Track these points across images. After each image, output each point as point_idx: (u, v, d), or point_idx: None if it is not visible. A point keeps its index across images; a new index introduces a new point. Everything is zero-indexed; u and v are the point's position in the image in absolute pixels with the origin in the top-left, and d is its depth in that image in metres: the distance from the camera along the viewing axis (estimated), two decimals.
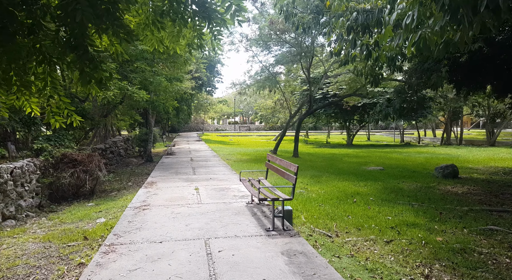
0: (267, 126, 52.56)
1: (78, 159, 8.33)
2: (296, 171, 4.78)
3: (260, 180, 6.30)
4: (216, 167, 12.30)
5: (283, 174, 5.39)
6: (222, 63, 34.99)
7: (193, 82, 28.53)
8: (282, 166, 5.81)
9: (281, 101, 27.34)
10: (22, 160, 7.33)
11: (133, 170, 13.18)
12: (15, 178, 6.63)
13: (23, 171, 6.88)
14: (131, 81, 10.62)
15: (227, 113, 62.18)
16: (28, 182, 7.15)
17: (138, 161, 15.64)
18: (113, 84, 9.38)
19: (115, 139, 17.16)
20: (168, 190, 7.83)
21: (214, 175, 10.27)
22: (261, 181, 6.25)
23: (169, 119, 37.82)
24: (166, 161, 14.63)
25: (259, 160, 15.45)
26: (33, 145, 7.97)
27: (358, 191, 9.04)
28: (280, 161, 5.78)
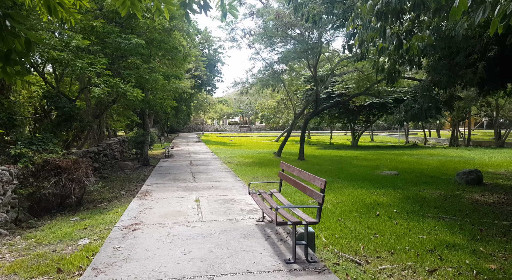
0: (268, 127, 51.53)
1: (63, 166, 7.33)
2: (324, 187, 3.79)
3: (273, 193, 5.31)
4: (218, 173, 11.30)
5: (303, 189, 4.40)
6: (223, 61, 34.01)
7: (192, 81, 27.57)
8: (303, 179, 4.81)
9: (284, 101, 26.36)
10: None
11: (127, 175, 12.18)
12: None
13: None
14: (124, 78, 9.63)
15: (227, 113, 61.16)
16: (2, 194, 6.16)
17: (134, 165, 14.64)
18: (103, 81, 8.38)
19: (110, 141, 16.15)
20: (164, 203, 6.83)
21: (216, 183, 9.27)
22: (274, 194, 5.26)
23: (168, 119, 36.82)
24: (164, 165, 13.63)
25: (263, 164, 14.46)
26: (10, 150, 6.98)
27: (378, 201, 8.07)
28: (300, 173, 4.78)
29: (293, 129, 37.11)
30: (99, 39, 9.61)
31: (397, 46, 5.77)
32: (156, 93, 12.39)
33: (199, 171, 11.74)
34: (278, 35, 14.87)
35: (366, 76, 15.65)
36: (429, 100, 7.39)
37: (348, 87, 21.23)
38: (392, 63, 7.64)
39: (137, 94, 8.70)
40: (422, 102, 7.35)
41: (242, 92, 19.42)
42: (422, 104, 7.35)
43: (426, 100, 7.39)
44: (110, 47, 9.74)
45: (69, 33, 8.59)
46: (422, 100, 7.44)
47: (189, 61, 19.13)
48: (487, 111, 29.35)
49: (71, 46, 8.37)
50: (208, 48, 33.49)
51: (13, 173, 6.62)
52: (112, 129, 21.57)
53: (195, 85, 29.87)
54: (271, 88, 20.38)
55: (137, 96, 8.68)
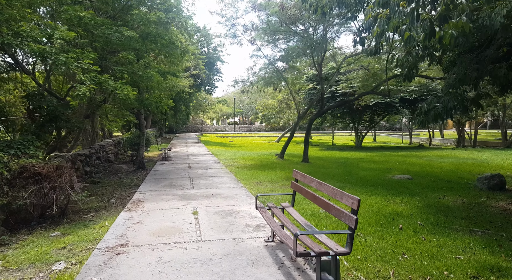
0: (268, 127, 50.63)
1: (43, 173, 6.47)
2: (357, 207, 2.95)
3: (285, 208, 4.46)
4: (218, 177, 10.44)
5: (326, 207, 3.53)
6: (222, 60, 33.11)
7: (191, 80, 26.71)
8: (325, 194, 3.95)
9: (287, 100, 25.50)
10: None
11: (121, 180, 11.31)
12: None
13: None
14: (115, 74, 8.77)
15: (227, 114, 60.26)
16: None
17: (129, 168, 13.77)
18: (90, 78, 7.52)
19: (103, 143, 15.27)
20: (158, 215, 5.97)
21: (216, 190, 8.42)
22: (287, 209, 4.40)
23: (166, 119, 35.95)
24: (160, 168, 12.77)
25: (266, 167, 13.62)
26: None
27: (397, 210, 7.24)
28: (320, 185, 3.90)
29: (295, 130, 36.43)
30: (88, 32, 8.75)
31: (429, 34, 4.93)
32: (151, 92, 11.53)
33: (198, 175, 10.88)
34: (281, 31, 14.02)
35: (373, 74, 14.80)
36: (455, 98, 6.55)
37: (353, 86, 20.40)
38: (414, 57, 6.79)
39: (127, 92, 7.83)
40: (447, 100, 6.51)
41: (243, 91, 18.58)
42: (447, 103, 6.51)
43: (452, 98, 6.55)
44: (99, 40, 8.88)
45: (52, 24, 7.73)
46: (447, 98, 6.60)
47: (187, 59, 18.28)
48: (494, 110, 28.54)
49: (54, 39, 7.51)
50: (207, 47, 32.63)
51: None
52: (107, 130, 20.70)
53: (194, 85, 29.01)
54: (273, 87, 19.54)
55: (127, 94, 7.81)
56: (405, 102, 22.95)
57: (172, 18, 10.50)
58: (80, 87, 7.16)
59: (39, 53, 7.15)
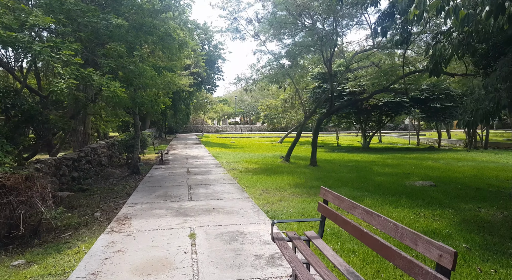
0: (270, 127, 49.44)
1: (8, 185, 5.34)
2: (453, 264, 1.80)
3: (311, 239, 3.30)
4: (220, 185, 9.30)
5: (386, 253, 2.34)
6: (223, 58, 31.95)
7: (191, 78, 25.58)
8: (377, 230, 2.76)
9: (292, 99, 24.35)
10: None
11: (111, 187, 10.18)
12: None
13: None
14: (102, 69, 7.63)
15: (228, 113, 59.07)
16: None
17: (122, 173, 12.64)
18: (70, 72, 6.38)
19: (95, 145, 14.15)
20: (145, 240, 4.82)
21: (218, 202, 7.27)
22: (314, 242, 3.24)
23: (165, 119, 34.86)
24: (156, 174, 11.64)
25: (271, 171, 12.48)
26: None
27: (431, 227, 6.10)
28: (369, 216, 2.63)
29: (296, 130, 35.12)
30: (71, 20, 7.62)
31: (495, 10, 3.78)
32: (146, 89, 10.39)
33: (197, 183, 9.74)
34: (287, 24, 12.87)
35: (386, 71, 13.64)
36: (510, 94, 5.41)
37: (361, 85, 19.24)
38: (455, 45, 5.64)
39: (114, 88, 6.69)
40: (499, 96, 5.36)
41: (246, 89, 17.45)
42: (497, 99, 5.36)
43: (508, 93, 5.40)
44: (85, 30, 7.76)
45: (27, 8, 6.60)
46: (500, 93, 5.45)
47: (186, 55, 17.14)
48: None
49: (27, 25, 6.39)
50: (208, 44, 31.50)
51: None
52: (102, 131, 19.59)
53: (194, 83, 27.87)
54: (277, 85, 18.40)
55: (115, 91, 6.67)
56: (416, 102, 21.79)
57: (168, 6, 9.37)
58: (56, 81, 6.02)
59: (9, 41, 6.02)
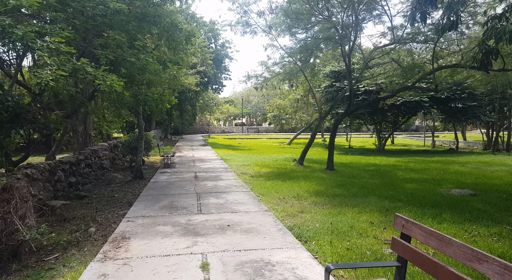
0: (277, 128, 48.26)
1: None
2: None
3: None
4: (233, 193, 8.24)
5: None
6: (231, 57, 30.94)
7: (197, 77, 24.62)
8: None
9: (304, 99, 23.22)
10: None
11: (112, 194, 9.18)
12: None
13: None
14: (98, 60, 6.63)
15: (234, 114, 58.04)
16: None
17: (125, 177, 11.65)
18: (60, 62, 5.38)
19: (97, 147, 13.19)
20: (145, 272, 3.77)
21: (232, 216, 6.20)
22: None
23: (172, 120, 33.95)
24: (161, 179, 10.62)
25: (285, 176, 11.42)
26: None
27: (494, 249, 4.98)
28: (487, 263, 1.63)
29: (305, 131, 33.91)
30: (64, 5, 6.62)
31: None
32: (150, 86, 9.38)
33: (207, 190, 8.69)
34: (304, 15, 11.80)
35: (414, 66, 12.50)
36: None
37: (378, 83, 18.08)
38: None
39: (111, 82, 5.67)
40: None
41: (256, 87, 16.41)
42: None
43: None
44: (79, 16, 6.76)
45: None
46: None
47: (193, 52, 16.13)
48: None
49: (10, 6, 5.40)
50: (214, 43, 30.53)
51: None
52: (105, 132, 18.66)
53: (201, 82, 26.90)
54: (289, 83, 17.32)
55: (112, 85, 5.65)
56: (435, 102, 20.57)
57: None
58: (40, 72, 5.02)
59: None
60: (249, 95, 61.60)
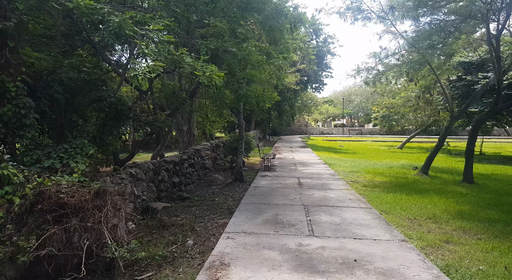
0: (384, 130, 43.77)
1: (71, 204, 3.86)
2: None
3: None
4: (349, 210, 6.68)
5: None
6: (333, 53, 28.94)
7: (297, 75, 23.48)
8: None
9: (427, 95, 19.89)
10: None
11: (212, 198, 8.59)
12: None
13: None
14: (198, 51, 5.90)
15: (333, 115, 55.22)
16: None
17: (225, 179, 11.11)
18: (157, 52, 4.71)
19: (199, 147, 13.12)
20: None
21: (356, 244, 4.69)
22: None
23: (270, 120, 33.68)
24: (262, 184, 9.68)
25: (408, 188, 9.30)
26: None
27: None
28: None
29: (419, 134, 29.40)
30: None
31: None
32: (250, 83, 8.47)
33: (315, 202, 7.32)
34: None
35: None
36: None
37: None
38: None
39: (210, 73, 4.80)
40: None
41: (367, 82, 14.36)
42: None
43: None
44: (180, 5, 6.16)
45: None
46: None
47: (295, 48, 14.95)
48: None
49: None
50: (316, 39, 28.95)
51: None
52: (208, 131, 18.98)
53: (300, 81, 25.67)
54: (407, 76, 14.70)
55: (211, 77, 4.78)
56: None
57: None
58: (137, 63, 4.39)
59: (88, 13, 4.65)
60: (351, 94, 57.85)
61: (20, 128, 4.68)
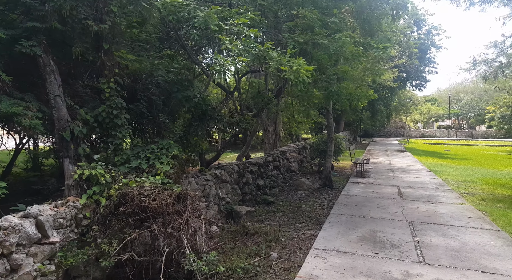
0: (501, 133, 36.91)
1: (152, 208, 3.70)
2: None
3: None
4: (469, 231, 5.36)
5: None
6: (438, 46, 25.52)
7: (395, 71, 21.31)
8: None
9: None
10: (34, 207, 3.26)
11: (298, 204, 8.00)
12: None
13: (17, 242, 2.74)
14: (284, 45, 5.38)
15: (436, 115, 49.09)
16: (22, 265, 2.94)
17: (313, 184, 10.41)
18: (242, 48, 4.33)
19: (285, 148, 12.66)
20: None
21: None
22: None
23: (361, 121, 31.51)
24: (354, 192, 8.71)
25: None
26: (79, 171, 3.91)
27: None
28: None
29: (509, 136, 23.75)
30: None
31: None
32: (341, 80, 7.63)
33: (422, 218, 6.11)
34: None
35: None
36: None
37: None
38: None
39: (297, 68, 4.22)
40: None
41: (485, 77, 11.95)
42: None
43: None
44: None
45: None
46: None
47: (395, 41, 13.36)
48: None
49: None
50: (417, 31, 25.97)
51: (66, 217, 3.41)
52: (295, 132, 18.44)
53: (398, 78, 23.27)
54: None
55: (297, 72, 4.20)
56: None
57: None
58: (220, 59, 4.07)
59: (174, 11, 4.56)
60: (459, 91, 50.69)
61: (112, 128, 4.82)
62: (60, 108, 4.32)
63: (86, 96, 5.07)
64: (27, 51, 3.92)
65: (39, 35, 4.12)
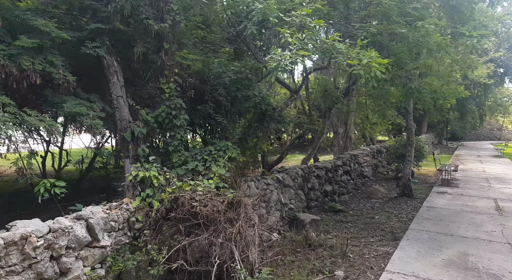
0: None
1: (202, 214, 3.47)
2: None
3: None
4: None
5: None
6: None
7: (490, 66, 18.47)
8: None
9: None
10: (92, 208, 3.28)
11: (371, 215, 7.20)
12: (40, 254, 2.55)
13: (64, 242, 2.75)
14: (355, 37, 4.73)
15: None
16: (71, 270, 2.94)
17: (389, 193, 9.38)
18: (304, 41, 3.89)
19: (357, 152, 11.72)
20: None
21: None
22: None
23: (447, 122, 28.12)
24: (439, 204, 7.54)
25: None
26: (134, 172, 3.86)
27: None
28: None
29: None
30: None
31: None
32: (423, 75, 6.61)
33: None
34: None
35: None
36: None
37: None
38: None
39: (368, 61, 3.61)
40: None
41: None
42: None
43: None
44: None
45: None
46: None
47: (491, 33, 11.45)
48: None
49: None
50: None
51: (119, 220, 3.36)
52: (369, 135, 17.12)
53: (494, 74, 20.12)
54: None
55: (369, 66, 3.61)
56: None
57: None
58: (278, 54, 3.68)
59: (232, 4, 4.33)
60: None
61: (171, 128, 4.76)
62: (122, 109, 4.38)
63: (148, 97, 5.13)
64: (91, 52, 4.04)
65: (103, 36, 4.23)
